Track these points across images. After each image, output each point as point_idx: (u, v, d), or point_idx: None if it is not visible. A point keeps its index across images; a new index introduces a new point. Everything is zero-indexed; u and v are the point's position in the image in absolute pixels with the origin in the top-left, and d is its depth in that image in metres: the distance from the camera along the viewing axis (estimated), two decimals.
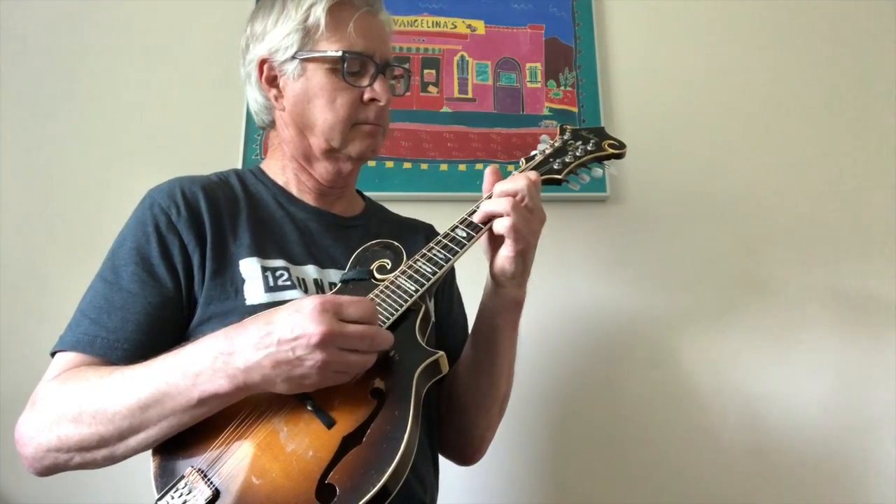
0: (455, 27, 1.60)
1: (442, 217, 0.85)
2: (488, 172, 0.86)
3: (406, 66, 0.99)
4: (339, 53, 0.85)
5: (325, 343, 0.62)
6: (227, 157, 1.44)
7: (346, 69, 0.86)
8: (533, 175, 0.84)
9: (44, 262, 1.38)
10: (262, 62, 0.89)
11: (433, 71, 1.57)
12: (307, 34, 0.86)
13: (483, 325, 0.90)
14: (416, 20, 1.59)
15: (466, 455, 1.00)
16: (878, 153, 1.61)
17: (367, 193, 1.10)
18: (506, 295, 0.85)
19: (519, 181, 0.82)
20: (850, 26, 1.70)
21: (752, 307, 1.48)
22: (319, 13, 0.85)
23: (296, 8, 0.86)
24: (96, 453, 0.67)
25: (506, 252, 0.81)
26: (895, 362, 1.45)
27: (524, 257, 0.82)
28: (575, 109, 1.57)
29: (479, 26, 1.61)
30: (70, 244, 1.38)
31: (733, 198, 1.55)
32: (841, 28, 1.70)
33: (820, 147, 1.61)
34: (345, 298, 0.66)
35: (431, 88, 1.55)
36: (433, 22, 1.60)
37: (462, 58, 1.58)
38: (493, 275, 0.85)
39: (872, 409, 1.42)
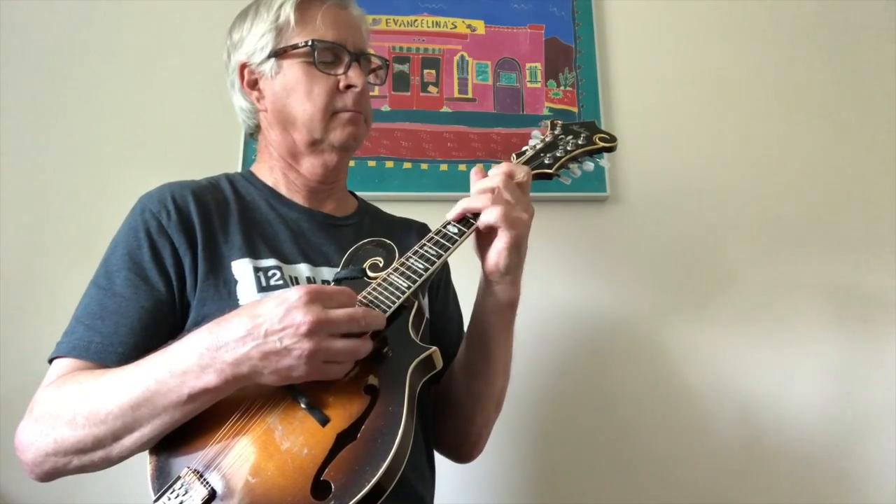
0: (455, 27, 1.60)
1: (441, 217, 0.84)
2: (474, 172, 0.85)
3: (385, 60, 1.00)
4: (309, 42, 0.87)
5: (313, 331, 0.62)
6: (227, 159, 1.44)
7: (318, 58, 0.88)
8: (523, 170, 0.84)
9: (43, 263, 1.38)
10: (242, 67, 0.92)
11: (433, 71, 1.56)
12: (279, 33, 0.89)
13: (477, 326, 0.89)
14: (416, 20, 1.59)
15: (464, 452, 1.00)
16: (877, 152, 1.61)
17: (368, 193, 1.10)
18: (499, 294, 0.84)
19: (493, 178, 0.81)
20: (850, 26, 1.70)
21: (751, 306, 1.47)
22: (288, 10, 0.89)
23: (267, 10, 0.90)
24: (93, 455, 0.68)
25: (500, 244, 0.78)
26: (893, 361, 1.44)
27: (518, 248, 0.80)
28: (575, 109, 1.56)
29: (479, 26, 1.61)
30: (70, 246, 1.38)
31: (733, 197, 1.55)
32: (841, 28, 1.70)
33: (819, 146, 1.60)
34: (330, 288, 0.66)
35: (431, 88, 1.55)
36: (433, 22, 1.60)
37: (462, 58, 1.58)
38: (486, 273, 0.83)
39: (869, 408, 1.41)
